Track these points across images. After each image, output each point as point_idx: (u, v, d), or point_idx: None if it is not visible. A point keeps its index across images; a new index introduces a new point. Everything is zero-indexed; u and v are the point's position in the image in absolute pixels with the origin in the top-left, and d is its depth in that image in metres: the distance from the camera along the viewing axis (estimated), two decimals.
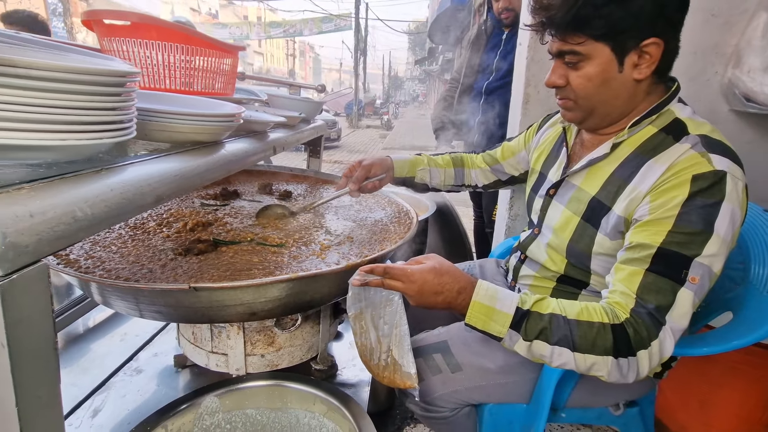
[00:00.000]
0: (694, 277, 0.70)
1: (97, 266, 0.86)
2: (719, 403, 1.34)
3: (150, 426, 0.78)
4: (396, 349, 0.80)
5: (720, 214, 0.70)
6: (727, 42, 1.41)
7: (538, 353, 0.73)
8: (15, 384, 0.35)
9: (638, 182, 0.79)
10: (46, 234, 0.37)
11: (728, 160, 0.73)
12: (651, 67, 0.77)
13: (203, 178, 0.66)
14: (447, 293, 0.75)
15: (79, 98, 0.43)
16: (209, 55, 1.25)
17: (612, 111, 0.83)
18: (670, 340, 0.70)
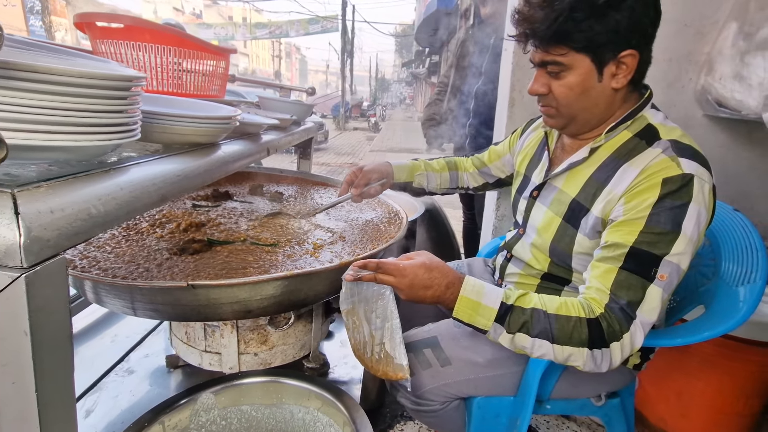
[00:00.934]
0: (662, 275, 0.75)
1: (92, 266, 0.87)
2: (695, 394, 1.41)
3: (147, 422, 0.79)
4: (388, 342, 0.83)
5: (687, 215, 0.75)
6: (699, 50, 1.49)
7: (520, 345, 0.78)
8: (35, 370, 0.37)
9: (614, 185, 0.84)
10: (65, 229, 0.39)
11: (696, 163, 0.78)
12: (627, 76, 0.81)
13: (203, 178, 0.68)
14: (436, 288, 0.79)
15: (90, 101, 0.45)
16: (203, 58, 1.27)
17: (591, 118, 0.88)
18: (640, 333, 0.75)
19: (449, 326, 1.09)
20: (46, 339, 0.38)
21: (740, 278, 0.96)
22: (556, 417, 1.62)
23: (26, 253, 0.35)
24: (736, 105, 1.40)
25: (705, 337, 0.90)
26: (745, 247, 1.00)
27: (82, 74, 0.42)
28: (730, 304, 0.94)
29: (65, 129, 0.43)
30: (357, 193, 1.17)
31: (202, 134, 0.72)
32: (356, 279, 0.81)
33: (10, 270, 0.35)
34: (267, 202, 1.45)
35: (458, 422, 1.08)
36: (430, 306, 1.30)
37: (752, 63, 1.36)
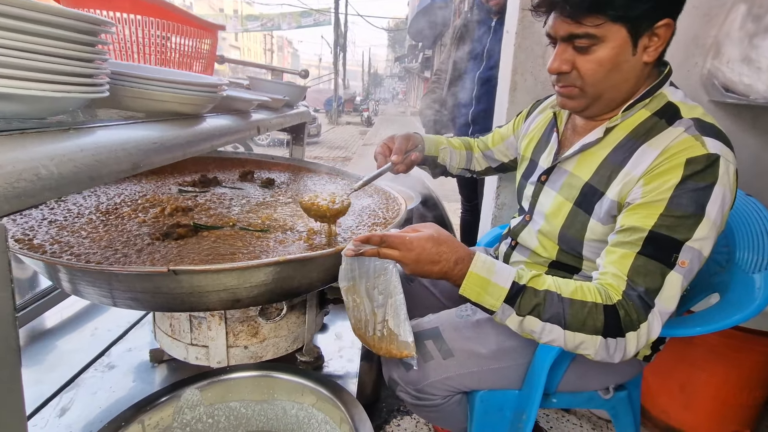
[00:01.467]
0: (683, 261, 0.70)
1: (64, 251, 0.79)
2: (699, 386, 1.37)
3: (125, 421, 0.72)
4: (392, 319, 0.78)
5: (712, 197, 0.70)
6: (706, 33, 1.44)
7: (528, 329, 0.72)
8: None
9: (632, 167, 0.78)
10: (5, 189, 0.32)
11: (721, 143, 0.73)
12: (659, 49, 0.75)
13: (185, 150, 0.61)
14: (444, 263, 0.73)
15: (48, 43, 0.38)
16: (188, 34, 1.18)
17: (618, 96, 0.81)
18: (658, 323, 0.70)
19: (451, 317, 1.03)
20: None
21: (756, 264, 0.92)
22: (556, 410, 1.58)
23: None
24: (744, 89, 1.35)
25: (723, 325, 0.85)
26: (760, 232, 0.96)
27: (41, 8, 0.35)
28: (746, 292, 0.89)
29: (11, 73, 0.36)
30: (399, 161, 1.04)
31: (183, 102, 0.65)
32: (358, 254, 0.74)
33: None
34: (258, 189, 1.37)
35: (460, 417, 1.03)
36: (431, 297, 1.24)
37: (761, 45, 1.31)
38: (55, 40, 0.39)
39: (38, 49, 0.37)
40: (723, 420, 1.38)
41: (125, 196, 1.17)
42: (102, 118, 0.55)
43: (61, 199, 1.09)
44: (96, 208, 1.05)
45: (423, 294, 1.24)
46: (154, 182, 1.35)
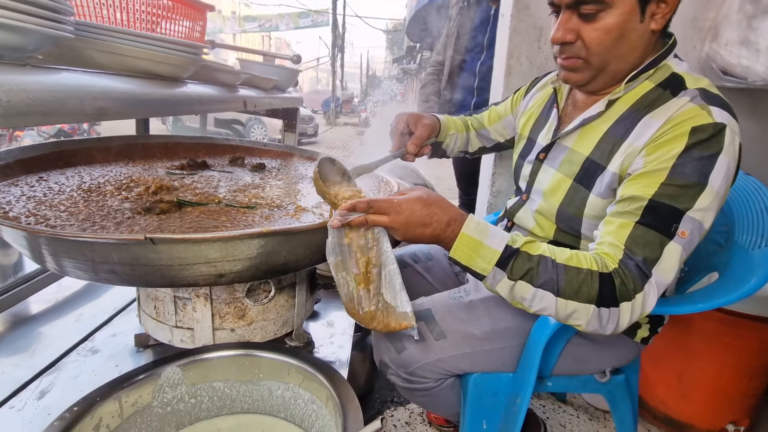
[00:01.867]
0: (684, 231, 0.68)
1: (40, 223, 0.76)
2: (697, 374, 1.35)
3: (100, 397, 0.69)
4: (387, 292, 0.75)
5: (716, 167, 0.68)
6: (704, 16, 1.42)
7: (519, 295, 0.70)
8: None
9: (634, 138, 0.76)
10: None
11: (727, 113, 0.71)
12: (666, 16, 0.73)
13: (159, 107, 0.58)
14: (436, 224, 0.70)
15: None
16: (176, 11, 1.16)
17: (624, 67, 0.78)
18: (654, 294, 0.68)
19: (444, 298, 1.01)
20: None
21: (756, 242, 0.90)
22: (553, 401, 1.55)
23: None
24: (743, 72, 1.33)
25: (722, 302, 0.82)
26: (759, 210, 0.94)
27: None
28: (745, 269, 0.87)
29: None
30: (414, 151, 1.03)
31: (159, 62, 0.62)
32: (345, 224, 0.71)
33: None
34: (248, 172, 1.35)
35: (453, 401, 1.00)
36: (424, 283, 1.22)
37: (760, 27, 1.29)
38: None
39: None
40: (721, 410, 1.36)
41: (110, 177, 1.14)
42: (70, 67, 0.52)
43: (42, 179, 1.06)
44: (78, 187, 1.02)
45: (416, 280, 1.22)
46: (142, 166, 1.32)
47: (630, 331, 0.93)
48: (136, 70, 0.62)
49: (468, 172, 2.19)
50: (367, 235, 0.75)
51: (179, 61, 0.66)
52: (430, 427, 1.41)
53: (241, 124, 8.41)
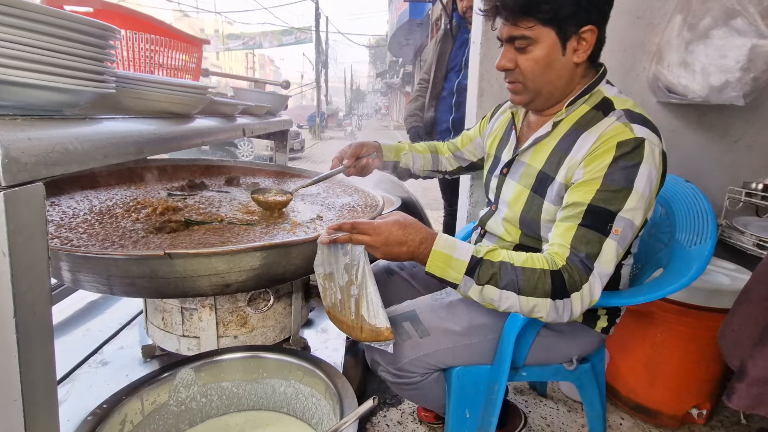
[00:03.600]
0: (617, 229, 0.81)
1: (64, 244, 0.86)
2: (661, 363, 1.48)
3: (125, 395, 0.78)
4: (367, 308, 0.84)
5: (639, 174, 0.82)
6: (651, 41, 1.60)
7: (488, 297, 0.81)
8: (14, 293, 0.38)
9: (575, 152, 0.90)
10: (43, 157, 0.40)
11: (647, 129, 0.85)
12: (587, 52, 0.88)
13: (180, 143, 0.69)
14: (410, 243, 0.82)
15: (69, 44, 0.46)
16: (176, 48, 1.27)
17: (555, 91, 0.93)
18: (598, 284, 0.81)
19: (427, 300, 1.12)
20: (25, 262, 0.38)
21: (693, 240, 1.04)
22: (534, 396, 1.67)
23: (5, 172, 0.36)
24: (683, 90, 1.50)
25: (665, 293, 0.96)
26: (697, 212, 1.08)
27: (64, 15, 0.44)
28: (684, 264, 1.00)
29: (43, 68, 0.44)
30: (350, 163, 1.16)
31: (176, 102, 0.74)
32: (332, 241, 0.82)
33: None
34: (244, 192, 1.45)
35: (439, 393, 1.11)
36: (410, 288, 1.32)
37: (695, 51, 1.47)
38: (75, 42, 0.47)
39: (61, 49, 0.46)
40: (685, 395, 1.49)
41: (117, 199, 1.24)
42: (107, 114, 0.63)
43: (54, 203, 1.15)
44: (90, 210, 1.11)
45: (402, 285, 1.33)
46: (143, 188, 1.42)
47: (590, 321, 1.05)
48: (156, 111, 0.73)
49: (451, 185, 2.33)
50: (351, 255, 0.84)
51: (191, 101, 0.77)
52: (421, 424, 1.51)
53: (234, 146, 8.60)
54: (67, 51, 0.46)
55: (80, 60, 0.48)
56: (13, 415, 0.40)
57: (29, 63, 0.43)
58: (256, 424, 0.94)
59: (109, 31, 0.51)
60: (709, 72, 1.40)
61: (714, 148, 1.69)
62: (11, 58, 0.41)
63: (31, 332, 0.40)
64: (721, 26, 1.39)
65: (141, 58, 1.19)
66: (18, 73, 0.42)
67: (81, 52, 0.48)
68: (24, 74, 0.42)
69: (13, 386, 0.40)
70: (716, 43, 1.39)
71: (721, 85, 1.38)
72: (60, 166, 0.42)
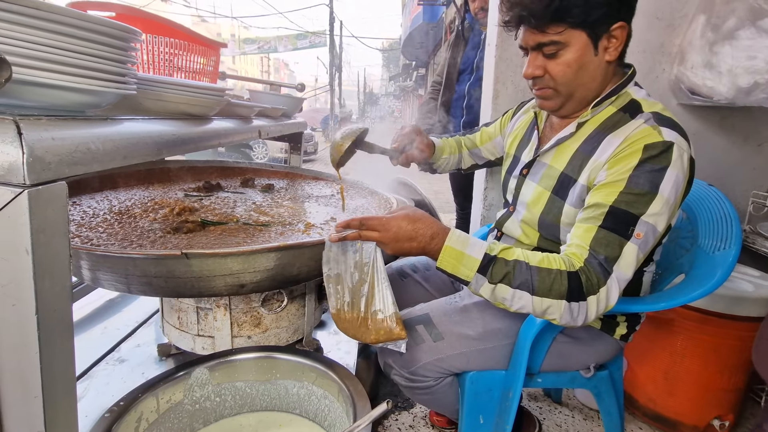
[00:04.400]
0: (639, 233, 0.79)
1: (85, 243, 0.87)
2: (681, 372, 1.44)
3: (141, 393, 0.79)
4: (381, 302, 0.82)
5: (665, 178, 0.79)
6: (671, 42, 1.56)
7: (500, 296, 0.79)
8: (36, 290, 0.39)
9: (599, 155, 0.87)
10: (66, 157, 0.41)
11: (676, 133, 0.83)
12: (618, 48, 0.85)
13: (197, 144, 0.70)
14: (421, 238, 0.80)
15: (93, 46, 0.47)
16: (194, 51, 1.29)
17: (588, 93, 0.90)
18: (616, 288, 0.78)
19: (441, 304, 1.10)
20: (47, 260, 0.39)
21: (716, 246, 1.01)
22: (549, 403, 1.64)
23: (29, 170, 0.37)
24: (708, 92, 1.46)
25: (687, 300, 0.93)
26: (720, 217, 1.05)
27: (87, 18, 0.45)
28: (707, 270, 0.97)
29: (66, 69, 0.45)
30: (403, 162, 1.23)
31: (194, 104, 0.74)
32: (341, 239, 0.81)
33: (13, 186, 0.36)
34: (259, 193, 1.46)
35: (452, 398, 1.09)
36: (423, 291, 1.31)
37: (721, 52, 1.43)
38: (98, 44, 0.48)
39: (86, 51, 0.47)
40: (706, 405, 1.44)
41: (135, 200, 1.26)
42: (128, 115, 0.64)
43: (75, 203, 1.17)
44: (109, 210, 1.13)
45: (415, 288, 1.32)
46: (161, 189, 1.44)
47: (609, 328, 1.03)
48: (175, 112, 0.74)
49: (463, 187, 2.32)
50: (362, 252, 0.83)
51: (209, 103, 0.78)
52: (433, 429, 1.49)
53: (249, 148, 8.73)
54: (91, 53, 0.47)
55: (103, 62, 0.49)
56: (33, 411, 0.41)
57: (53, 64, 0.44)
58: (269, 425, 0.94)
59: (131, 33, 0.52)
60: (737, 73, 1.36)
61: (737, 152, 1.64)
62: (36, 60, 0.42)
63: (52, 329, 0.40)
64: (748, 26, 1.35)
65: (160, 61, 1.21)
66: (42, 74, 0.43)
67: (104, 54, 0.49)
68: (48, 75, 0.43)
69: (33, 383, 0.40)
70: (743, 44, 1.35)
71: (749, 87, 1.34)
72: (82, 165, 0.43)
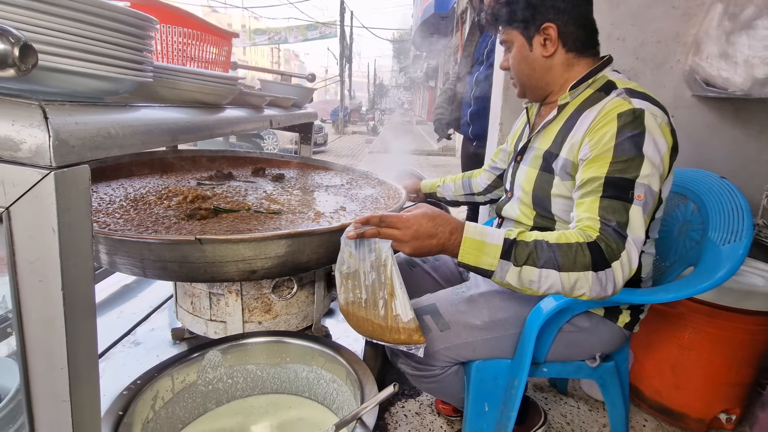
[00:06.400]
0: (639, 195, 0.82)
1: (102, 228, 0.90)
2: (688, 366, 1.43)
3: (157, 372, 0.82)
4: (401, 307, 0.81)
5: (645, 142, 0.83)
6: (687, 32, 1.54)
7: (527, 279, 0.79)
8: (62, 268, 0.41)
9: (577, 128, 0.94)
10: (88, 141, 0.42)
11: (647, 102, 0.87)
12: (554, 45, 0.96)
13: (211, 131, 0.72)
14: (441, 235, 0.81)
15: (111, 34, 0.49)
16: (207, 41, 1.31)
17: (536, 83, 1.02)
18: (635, 250, 0.80)
19: (447, 294, 1.12)
20: (72, 239, 0.41)
21: (726, 238, 1.00)
22: (554, 393, 1.65)
23: (55, 153, 0.38)
24: (723, 83, 1.44)
25: (693, 292, 0.93)
26: (731, 209, 1.04)
27: (107, 6, 0.46)
28: (716, 262, 0.97)
29: (87, 57, 0.46)
30: None
31: (207, 92, 0.76)
32: (359, 235, 0.82)
33: (40, 168, 0.38)
34: (269, 182, 1.48)
35: (458, 387, 1.11)
36: (431, 281, 1.33)
37: (737, 42, 1.40)
38: (117, 32, 0.50)
39: (106, 39, 0.48)
40: (714, 398, 1.44)
41: (150, 188, 1.29)
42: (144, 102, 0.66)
43: (93, 190, 1.20)
44: (125, 197, 1.16)
45: (424, 278, 1.34)
46: (174, 177, 1.47)
47: (612, 315, 1.03)
48: (189, 100, 0.75)
49: None
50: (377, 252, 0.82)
51: (222, 91, 0.79)
52: (439, 416, 1.52)
53: (260, 138, 8.78)
54: (111, 41, 0.49)
55: (122, 49, 0.50)
56: (59, 381, 0.43)
57: (75, 51, 0.45)
58: (279, 407, 0.97)
59: (148, 21, 0.53)
60: (754, 64, 1.34)
61: (751, 145, 1.61)
62: (59, 47, 0.44)
63: (77, 305, 0.43)
64: (766, 16, 1.32)
65: (174, 51, 1.23)
66: (66, 61, 0.45)
67: (123, 41, 0.50)
68: (71, 62, 0.45)
69: (59, 355, 0.43)
70: (761, 34, 1.33)
71: (766, 78, 1.32)
72: (103, 149, 0.44)
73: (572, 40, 0.96)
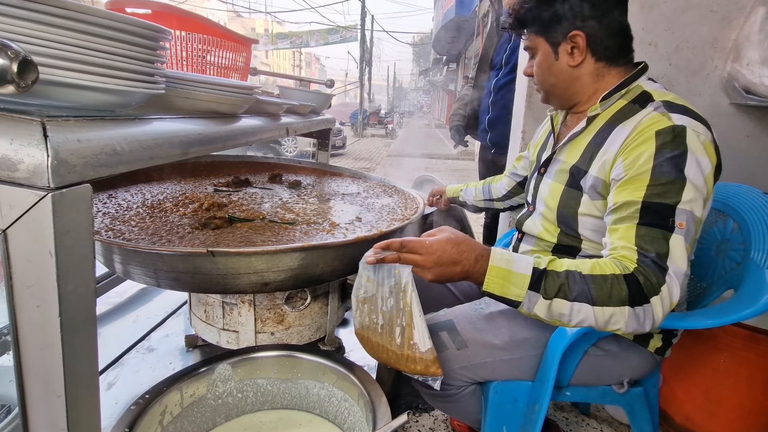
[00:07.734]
0: (680, 223, 0.75)
1: (117, 237, 0.90)
2: (724, 392, 1.34)
3: (166, 386, 0.80)
4: (418, 338, 0.77)
5: (687, 163, 0.75)
6: (726, 37, 1.45)
7: (557, 312, 0.73)
8: (60, 293, 0.39)
9: (609, 145, 0.86)
10: (91, 159, 0.40)
11: (688, 117, 0.79)
12: (582, 54, 0.89)
13: (225, 143, 0.70)
14: (465, 262, 0.75)
15: (121, 46, 0.47)
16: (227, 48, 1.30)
17: (561, 92, 0.97)
18: (676, 284, 0.73)
19: (465, 310, 1.07)
20: (71, 263, 0.39)
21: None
22: (576, 414, 1.57)
23: (53, 173, 0.36)
24: (765, 91, 1.35)
25: (734, 319, 0.86)
26: None
27: (115, 17, 0.44)
28: (760, 286, 0.90)
29: (95, 70, 0.45)
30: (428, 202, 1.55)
31: (222, 102, 0.74)
32: (379, 260, 0.76)
33: (37, 189, 0.36)
34: (286, 189, 1.47)
35: (475, 407, 1.06)
36: (449, 294, 1.29)
37: None
38: (127, 44, 0.48)
39: (114, 51, 0.46)
40: (751, 428, 1.35)
41: (167, 194, 1.29)
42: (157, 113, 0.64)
43: (112, 196, 1.21)
44: (142, 204, 1.16)
45: (441, 291, 1.29)
46: (192, 183, 1.47)
47: (642, 340, 0.97)
48: (203, 110, 0.74)
49: None
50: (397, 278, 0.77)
51: (238, 101, 0.78)
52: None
53: (278, 142, 8.87)
54: (118, 52, 0.47)
55: (131, 61, 0.49)
56: (56, 410, 0.41)
57: (82, 65, 0.44)
58: (288, 424, 0.94)
59: (160, 32, 0.52)
60: None
61: None
62: (63, 60, 0.42)
63: (76, 330, 0.41)
64: None
65: (193, 57, 1.23)
66: (70, 75, 0.43)
67: (131, 53, 0.48)
68: (75, 75, 0.43)
69: (56, 382, 0.41)
70: None
71: None
72: (108, 167, 0.42)
73: (602, 48, 0.89)
